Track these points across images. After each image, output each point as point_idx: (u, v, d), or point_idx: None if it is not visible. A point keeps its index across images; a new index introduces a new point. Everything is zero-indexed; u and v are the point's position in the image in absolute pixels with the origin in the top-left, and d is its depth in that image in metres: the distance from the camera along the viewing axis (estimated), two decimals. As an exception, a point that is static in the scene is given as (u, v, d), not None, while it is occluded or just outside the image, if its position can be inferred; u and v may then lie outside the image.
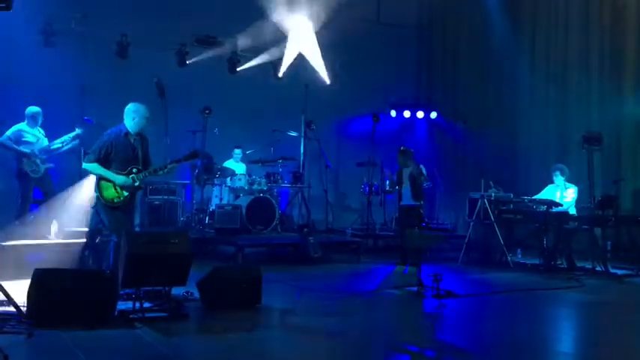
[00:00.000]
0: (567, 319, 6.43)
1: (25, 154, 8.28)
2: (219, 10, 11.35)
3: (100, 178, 5.86)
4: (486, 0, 12.49)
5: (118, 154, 5.86)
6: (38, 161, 8.36)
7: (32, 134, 8.46)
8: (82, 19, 10.28)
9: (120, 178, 5.82)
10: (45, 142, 8.60)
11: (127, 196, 5.88)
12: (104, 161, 5.84)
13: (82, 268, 6.86)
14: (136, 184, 5.90)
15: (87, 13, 10.21)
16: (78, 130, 8.37)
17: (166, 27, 10.92)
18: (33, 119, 8.49)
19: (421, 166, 9.23)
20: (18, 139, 8.39)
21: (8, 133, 8.41)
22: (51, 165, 8.39)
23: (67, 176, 8.93)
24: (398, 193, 9.39)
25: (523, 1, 12.31)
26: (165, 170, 6.01)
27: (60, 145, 8.43)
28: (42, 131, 8.69)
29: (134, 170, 5.90)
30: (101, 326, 4.76)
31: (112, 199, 5.84)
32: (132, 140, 5.95)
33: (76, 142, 8.41)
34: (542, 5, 11.93)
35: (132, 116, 5.93)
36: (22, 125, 8.53)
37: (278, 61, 12.44)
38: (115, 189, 5.83)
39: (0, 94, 9.18)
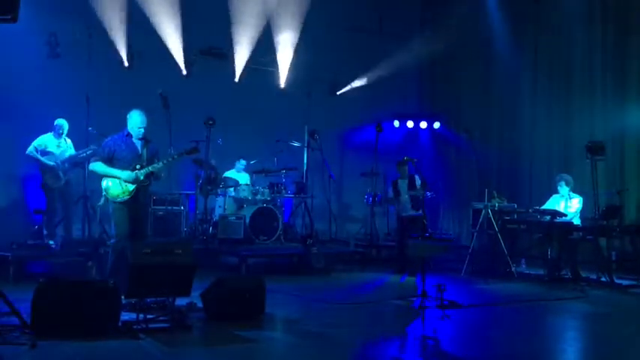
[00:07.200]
0: (571, 330, 6.39)
1: (46, 166, 8.36)
2: (223, 21, 11.42)
3: (106, 177, 6.10)
4: (489, 11, 12.54)
5: (121, 154, 6.15)
6: (60, 173, 8.44)
7: (56, 145, 8.57)
8: (87, 30, 10.33)
9: (124, 173, 6.06)
10: (71, 152, 8.68)
11: (132, 190, 6.07)
12: (108, 161, 6.12)
13: (85, 278, 6.89)
14: (140, 177, 6.08)
15: (92, 25, 10.26)
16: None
17: (171, 38, 10.99)
18: (57, 130, 8.63)
19: (415, 176, 9.19)
20: (43, 149, 8.49)
21: (35, 143, 8.55)
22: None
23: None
24: (395, 203, 9.41)
25: (526, 12, 12.33)
26: (170, 162, 6.24)
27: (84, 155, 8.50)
28: (69, 141, 8.78)
29: (137, 167, 6.11)
30: (104, 337, 4.75)
31: (118, 195, 6.07)
32: (134, 141, 6.22)
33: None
34: (544, 15, 11.95)
35: (127, 122, 6.24)
36: (47, 136, 8.64)
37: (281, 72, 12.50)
38: (120, 185, 6.06)
39: (6, 104, 9.22)
